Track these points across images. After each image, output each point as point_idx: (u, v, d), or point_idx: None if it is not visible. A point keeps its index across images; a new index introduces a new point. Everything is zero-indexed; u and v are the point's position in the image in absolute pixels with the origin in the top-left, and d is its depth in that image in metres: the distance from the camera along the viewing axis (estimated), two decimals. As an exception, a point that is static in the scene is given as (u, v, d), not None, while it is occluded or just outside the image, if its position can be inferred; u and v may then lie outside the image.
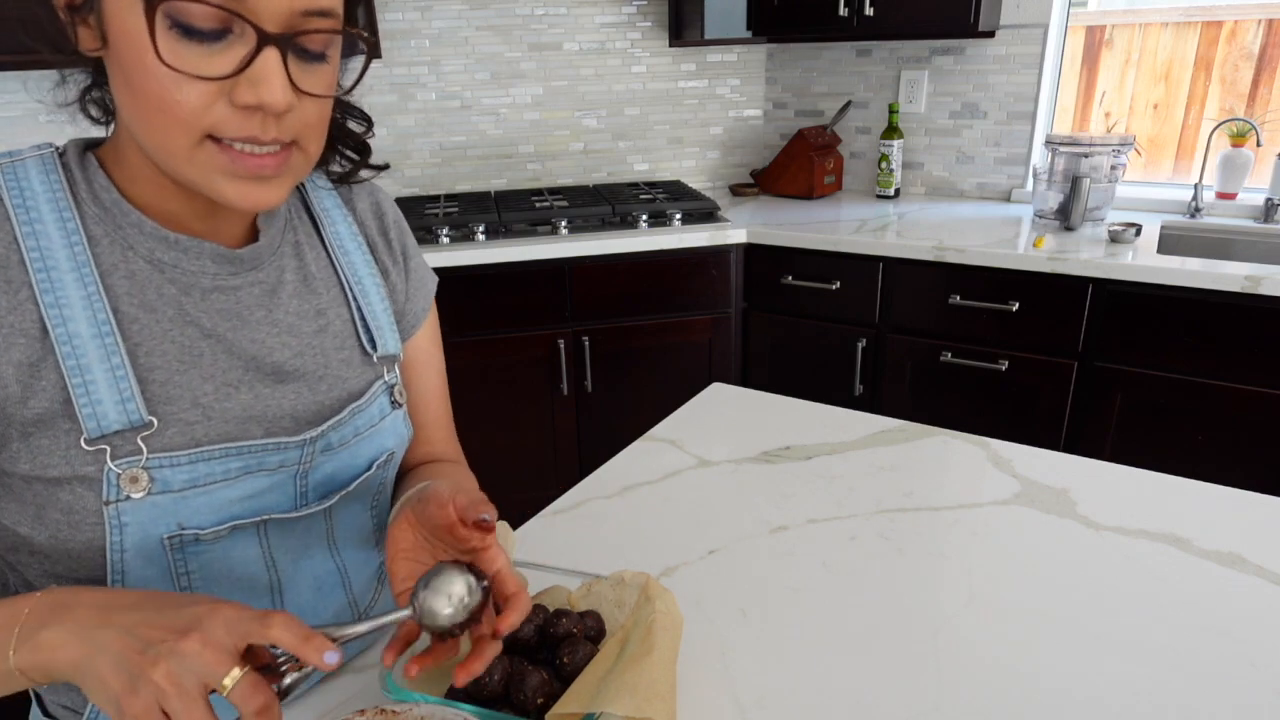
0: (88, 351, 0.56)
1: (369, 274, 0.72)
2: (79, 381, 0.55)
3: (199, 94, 0.51)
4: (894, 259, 2.11)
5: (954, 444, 1.06)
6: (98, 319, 0.56)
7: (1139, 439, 1.94)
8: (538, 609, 0.68)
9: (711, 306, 2.32)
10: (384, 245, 0.76)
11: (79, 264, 0.57)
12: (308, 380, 0.66)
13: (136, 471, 0.56)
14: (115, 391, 0.56)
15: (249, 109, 0.52)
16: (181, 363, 0.60)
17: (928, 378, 2.16)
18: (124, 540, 0.57)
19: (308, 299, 0.68)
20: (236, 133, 0.52)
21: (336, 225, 0.72)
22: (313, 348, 0.67)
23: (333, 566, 0.72)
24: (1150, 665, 0.68)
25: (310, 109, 0.56)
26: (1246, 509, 0.91)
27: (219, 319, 0.62)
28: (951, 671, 0.68)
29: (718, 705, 0.65)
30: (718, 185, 2.89)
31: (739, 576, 0.81)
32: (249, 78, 0.51)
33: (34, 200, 0.57)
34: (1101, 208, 2.16)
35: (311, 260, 0.69)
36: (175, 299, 0.60)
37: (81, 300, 0.56)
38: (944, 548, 0.85)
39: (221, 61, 0.51)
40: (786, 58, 2.78)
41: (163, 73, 0.50)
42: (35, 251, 0.56)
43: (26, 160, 0.59)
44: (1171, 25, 2.31)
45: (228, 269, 0.63)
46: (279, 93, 0.51)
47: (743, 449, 1.07)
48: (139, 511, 0.57)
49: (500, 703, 0.61)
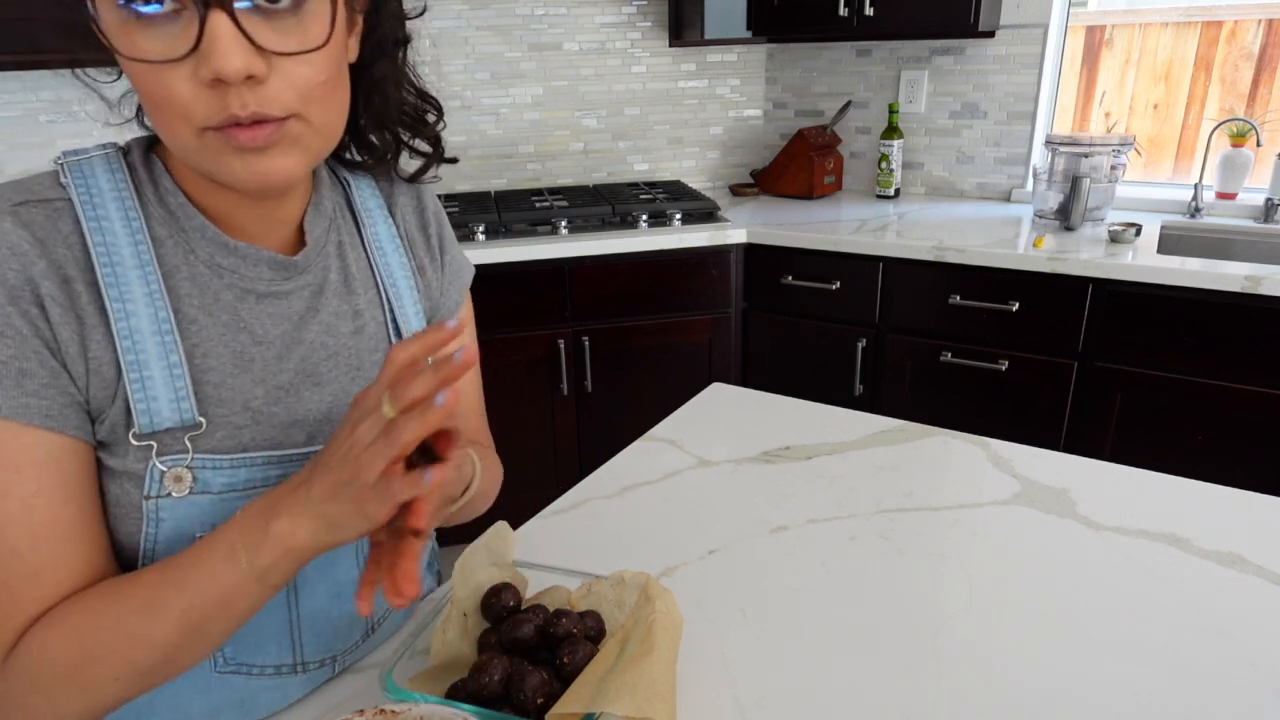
0: (147, 348, 0.56)
1: (403, 274, 0.73)
2: (136, 377, 0.56)
3: (177, 81, 0.49)
4: (894, 259, 2.11)
5: (954, 444, 1.06)
6: (159, 317, 0.57)
7: (1139, 439, 1.94)
8: (538, 609, 0.68)
9: (711, 306, 2.32)
10: (422, 241, 0.76)
11: (143, 262, 0.57)
12: (342, 382, 0.67)
13: (181, 470, 0.57)
14: (171, 390, 0.57)
15: (214, 86, 0.49)
16: (235, 367, 0.61)
17: (928, 378, 2.16)
18: (158, 535, 0.58)
19: (347, 299, 0.68)
20: (218, 119, 0.50)
21: (376, 224, 0.72)
22: (349, 349, 0.68)
23: (355, 576, 0.70)
24: (1150, 665, 0.68)
25: (297, 71, 0.51)
26: (1246, 509, 0.91)
27: (270, 324, 0.63)
28: (951, 671, 0.68)
29: (718, 705, 0.65)
30: (718, 185, 2.89)
31: (739, 576, 0.81)
32: (204, 52, 0.48)
33: (100, 198, 0.57)
34: (1101, 208, 2.16)
35: (353, 260, 0.70)
36: (232, 304, 0.61)
37: (144, 297, 0.57)
38: (944, 548, 0.85)
39: (181, 41, 0.48)
40: (786, 58, 2.78)
41: (138, 68, 0.50)
42: (101, 247, 0.56)
43: (93, 158, 0.59)
44: (1171, 25, 2.31)
45: (281, 274, 0.63)
46: (231, 59, 0.47)
47: (743, 449, 1.07)
48: (177, 509, 0.58)
49: (500, 703, 0.61)
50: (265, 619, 0.65)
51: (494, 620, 0.69)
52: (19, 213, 0.54)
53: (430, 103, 0.70)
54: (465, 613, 0.70)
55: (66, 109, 2.00)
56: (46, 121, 1.97)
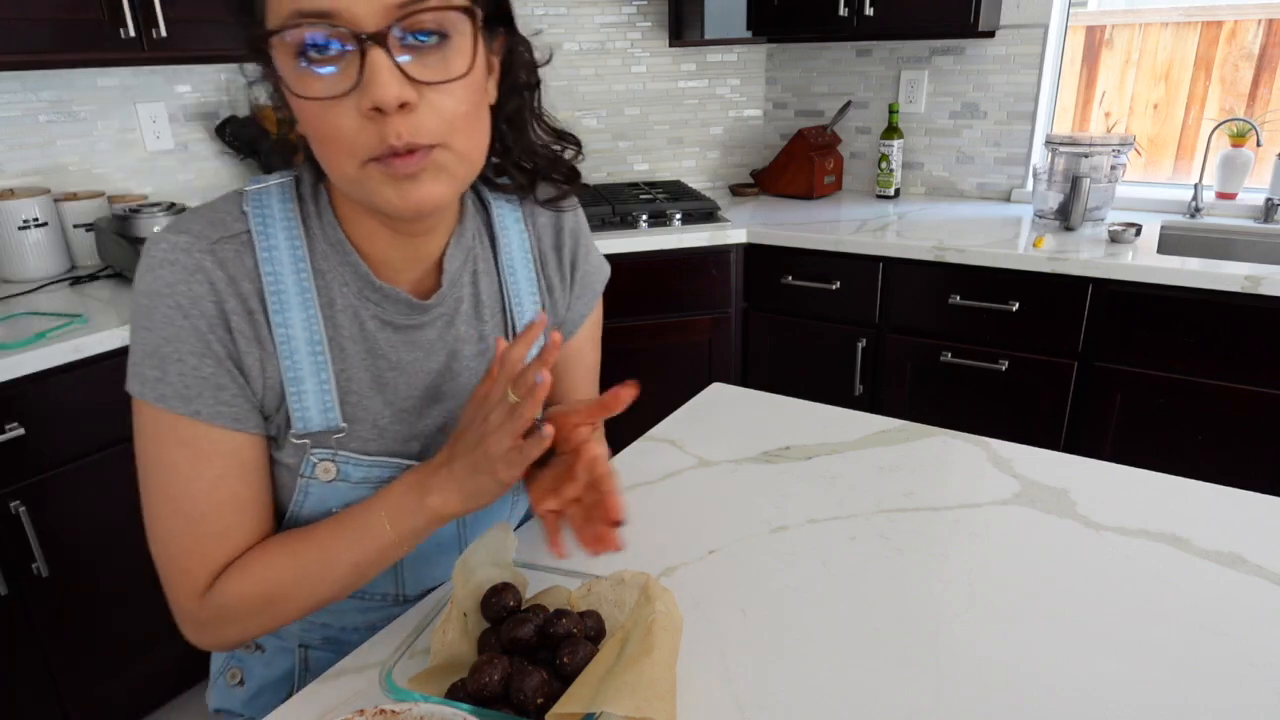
0: (303, 367, 0.68)
1: (529, 294, 0.80)
2: (294, 390, 0.68)
3: (345, 123, 0.57)
4: (894, 259, 2.11)
5: (954, 444, 1.06)
6: (313, 340, 0.68)
7: (1139, 439, 1.94)
8: (538, 609, 0.68)
9: (711, 306, 2.32)
10: (555, 260, 0.82)
11: (303, 290, 0.68)
12: (459, 398, 0.77)
13: (328, 464, 0.71)
14: (320, 402, 0.69)
15: (373, 116, 0.56)
16: (371, 389, 0.72)
17: (928, 378, 2.16)
18: (303, 506, 0.72)
19: (474, 325, 0.77)
20: (377, 150, 0.58)
21: (511, 245, 0.79)
22: (469, 369, 0.77)
23: (454, 530, 0.82)
24: (1150, 665, 0.68)
25: (443, 102, 0.58)
26: (1246, 509, 0.90)
27: (404, 352, 0.73)
28: (951, 671, 0.68)
29: (718, 705, 0.65)
30: (718, 185, 2.89)
31: (739, 576, 0.81)
32: (363, 85, 0.55)
33: (273, 227, 0.67)
34: (1101, 208, 2.16)
35: (484, 288, 0.78)
36: (374, 334, 0.71)
37: (302, 323, 0.68)
38: (944, 548, 0.85)
39: (344, 79, 0.56)
40: (786, 58, 2.78)
41: (308, 107, 0.58)
42: (271, 277, 0.67)
43: (271, 187, 0.70)
44: (1171, 25, 2.31)
45: (418, 313, 0.73)
46: (387, 88, 0.55)
47: (743, 449, 1.07)
48: (322, 490, 0.72)
49: (500, 703, 0.61)
50: None
51: (494, 620, 0.69)
52: (216, 250, 0.65)
53: (567, 139, 0.77)
54: (465, 613, 0.70)
55: (67, 109, 1.99)
56: (46, 121, 1.97)
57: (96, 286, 1.86)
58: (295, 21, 0.54)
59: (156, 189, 2.20)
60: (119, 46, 1.73)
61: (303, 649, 0.85)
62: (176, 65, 2.16)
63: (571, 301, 0.84)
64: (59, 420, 1.53)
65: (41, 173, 1.99)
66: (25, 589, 1.54)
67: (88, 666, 1.67)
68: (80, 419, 1.56)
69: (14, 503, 1.48)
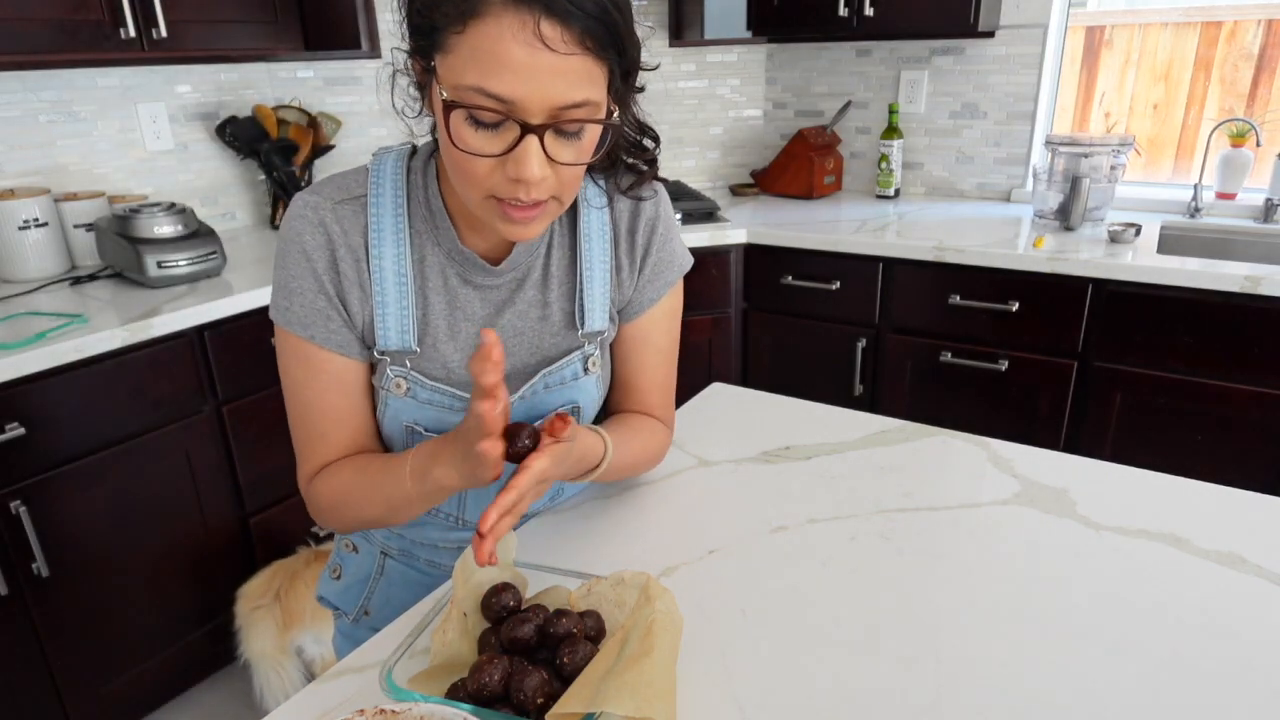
0: (389, 293, 0.81)
1: (601, 265, 0.87)
2: (380, 313, 0.81)
3: (482, 166, 0.68)
4: (894, 259, 2.11)
5: (954, 444, 1.06)
6: (400, 275, 0.81)
7: (1139, 439, 1.94)
8: (538, 609, 0.68)
9: (711, 306, 2.32)
10: (627, 242, 0.89)
11: (399, 240, 0.80)
12: (520, 355, 0.87)
13: (401, 380, 0.83)
14: (399, 324, 0.81)
15: (514, 179, 0.68)
16: (447, 335, 0.84)
17: (928, 378, 2.16)
18: (384, 416, 0.85)
19: (541, 292, 0.86)
20: (506, 195, 0.69)
21: (590, 223, 0.87)
22: (532, 330, 0.86)
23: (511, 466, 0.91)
24: (1150, 665, 0.68)
25: (566, 173, 0.71)
26: (1246, 509, 0.91)
27: (478, 306, 0.84)
28: (951, 671, 0.68)
29: (718, 705, 0.65)
30: (718, 185, 2.89)
31: (739, 576, 0.81)
32: (514, 157, 0.67)
33: (383, 189, 0.81)
34: (1101, 208, 2.16)
35: (555, 260, 0.87)
36: (455, 288, 0.83)
37: (393, 259, 0.80)
38: (944, 548, 0.85)
39: (498, 143, 0.67)
40: (786, 58, 2.78)
41: (456, 149, 0.68)
42: (375, 227, 0.80)
43: (389, 155, 0.82)
44: (1171, 25, 2.31)
45: (490, 275, 0.83)
46: (534, 170, 0.67)
47: (743, 449, 1.07)
48: (396, 403, 0.84)
49: (500, 703, 0.61)
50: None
51: (494, 620, 0.69)
52: (337, 210, 0.80)
53: (649, 133, 0.85)
54: (465, 613, 0.70)
55: (67, 109, 1.99)
56: (46, 121, 1.97)
57: (96, 286, 1.86)
58: (476, 96, 0.64)
59: (156, 189, 2.20)
60: (119, 46, 1.73)
61: (383, 556, 0.97)
62: (176, 65, 2.16)
63: (642, 285, 0.90)
64: (59, 420, 1.53)
65: (42, 173, 1.99)
66: (25, 589, 1.54)
67: (88, 666, 1.67)
68: (80, 419, 1.56)
69: (14, 503, 1.48)
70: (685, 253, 0.94)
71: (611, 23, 0.67)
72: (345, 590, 1.01)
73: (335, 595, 1.02)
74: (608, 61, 0.69)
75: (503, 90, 0.64)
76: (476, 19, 0.63)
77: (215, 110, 2.27)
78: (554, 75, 0.64)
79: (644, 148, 0.86)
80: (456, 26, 0.64)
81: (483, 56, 0.63)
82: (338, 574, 1.02)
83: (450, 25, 0.64)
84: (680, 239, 0.94)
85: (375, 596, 0.99)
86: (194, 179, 2.27)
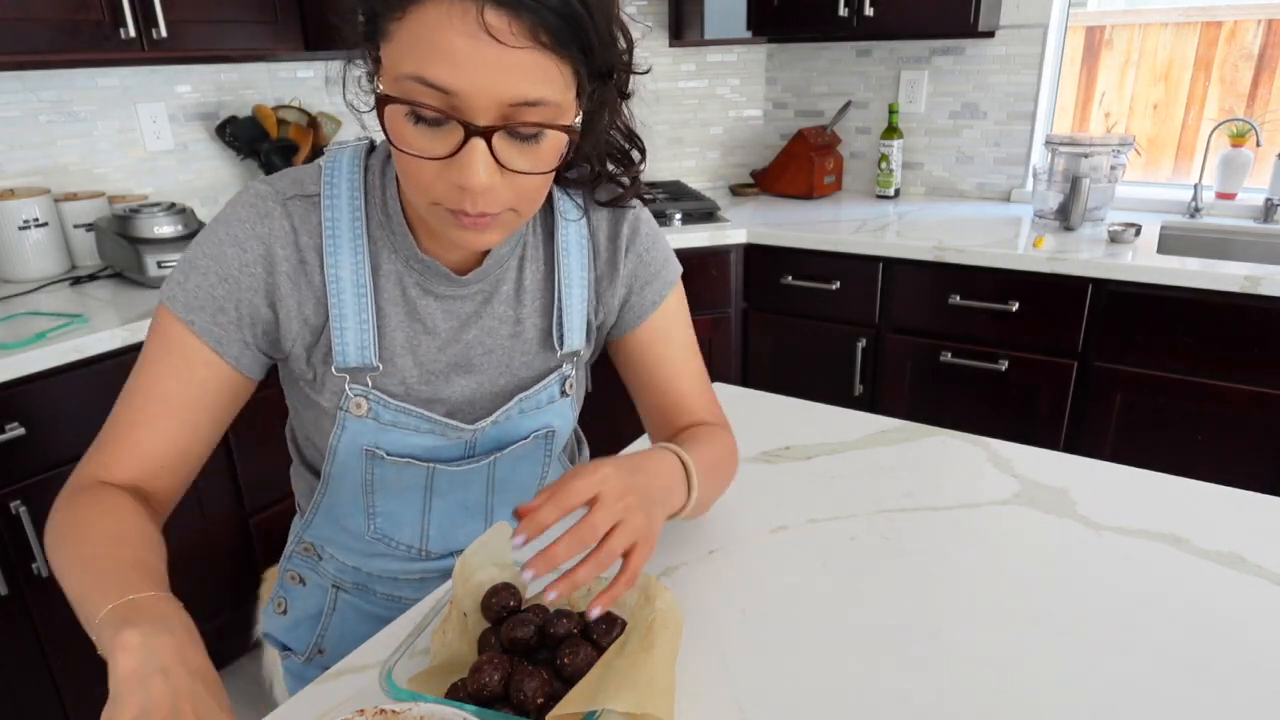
0: (347, 304, 0.74)
1: (580, 282, 0.82)
2: (337, 327, 0.74)
3: (428, 170, 0.62)
4: (894, 259, 2.11)
5: (954, 444, 1.06)
6: (359, 284, 0.74)
7: (1139, 439, 1.94)
8: (538, 609, 0.68)
9: (711, 306, 2.32)
10: (608, 253, 0.84)
11: (355, 243, 0.74)
12: (489, 374, 0.81)
13: (360, 399, 0.76)
14: (359, 338, 0.75)
15: (459, 186, 0.62)
16: (404, 348, 0.77)
17: (928, 378, 2.16)
18: (339, 440, 0.78)
19: (513, 308, 0.80)
20: (453, 205, 0.64)
21: (569, 230, 0.81)
22: (503, 348, 0.81)
23: (482, 498, 0.87)
24: (1150, 665, 0.68)
25: (524, 183, 0.64)
26: (1246, 509, 0.91)
27: (441, 319, 0.78)
28: (951, 671, 0.68)
29: (718, 705, 0.65)
30: (718, 185, 2.89)
31: (739, 576, 0.81)
32: (458, 161, 0.61)
33: (338, 187, 0.74)
34: (1101, 208, 2.16)
35: (529, 274, 0.81)
36: (414, 299, 0.77)
37: (351, 267, 0.73)
38: (944, 548, 0.85)
39: (441, 144, 0.61)
40: (786, 58, 2.78)
41: (397, 149, 0.63)
42: (330, 227, 0.73)
43: (345, 150, 0.76)
44: (1171, 25, 2.31)
45: (455, 285, 0.77)
46: (479, 176, 0.61)
47: (743, 449, 1.07)
48: (355, 424, 0.78)
49: (500, 703, 0.61)
50: (406, 510, 0.85)
51: (494, 620, 0.69)
52: (288, 205, 0.73)
53: (635, 143, 0.80)
54: (465, 613, 0.70)
55: (67, 109, 1.99)
56: (46, 121, 1.97)
57: (97, 286, 1.86)
58: (414, 86, 0.59)
59: (156, 189, 2.20)
60: (119, 46, 1.73)
61: (335, 590, 0.91)
62: (176, 65, 2.16)
63: (639, 288, 0.86)
64: (59, 420, 1.53)
65: (42, 173, 1.99)
66: (25, 589, 1.54)
67: (88, 666, 1.67)
68: (80, 419, 1.56)
69: (14, 503, 1.48)
70: (671, 254, 0.89)
71: (573, 16, 0.59)
72: (294, 627, 0.94)
73: (283, 632, 0.95)
74: (570, 60, 0.61)
75: (442, 79, 0.58)
76: (416, 4, 0.58)
77: (215, 110, 2.27)
78: (501, 69, 0.58)
79: (630, 159, 0.80)
80: (396, 12, 0.59)
81: (421, 44, 0.58)
82: (283, 608, 0.94)
83: (390, 11, 0.59)
84: (666, 242, 0.89)
85: (329, 634, 0.92)
86: (194, 179, 2.27)
